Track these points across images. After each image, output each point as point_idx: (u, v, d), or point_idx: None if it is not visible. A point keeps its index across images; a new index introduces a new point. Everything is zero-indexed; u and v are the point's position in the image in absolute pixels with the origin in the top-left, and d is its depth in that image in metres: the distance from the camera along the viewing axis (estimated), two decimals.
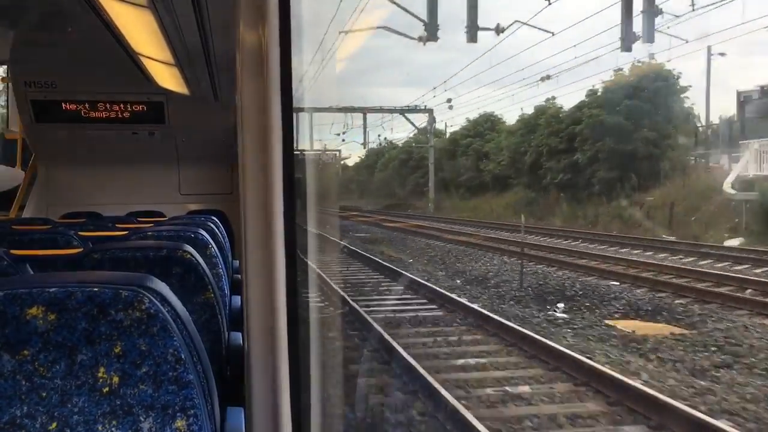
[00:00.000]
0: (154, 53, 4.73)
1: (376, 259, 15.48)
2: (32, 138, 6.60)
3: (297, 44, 1.38)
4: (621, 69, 27.86)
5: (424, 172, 44.05)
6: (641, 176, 25.41)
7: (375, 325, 8.29)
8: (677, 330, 8.59)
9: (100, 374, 1.14)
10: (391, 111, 42.63)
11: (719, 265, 13.87)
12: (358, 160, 62.12)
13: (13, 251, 2.19)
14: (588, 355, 7.15)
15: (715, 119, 28.07)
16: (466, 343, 7.92)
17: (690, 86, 27.31)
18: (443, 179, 41.33)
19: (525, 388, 6.24)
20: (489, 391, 6.20)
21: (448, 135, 46.76)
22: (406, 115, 42.41)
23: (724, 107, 41.39)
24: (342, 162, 63.64)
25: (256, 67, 1.44)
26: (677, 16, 21.78)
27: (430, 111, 42.15)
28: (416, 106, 42.40)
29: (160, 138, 6.77)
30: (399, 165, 48.93)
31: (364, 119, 42.23)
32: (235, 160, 6.07)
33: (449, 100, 39.55)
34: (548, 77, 30.28)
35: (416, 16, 24.19)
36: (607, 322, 9.18)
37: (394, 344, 7.20)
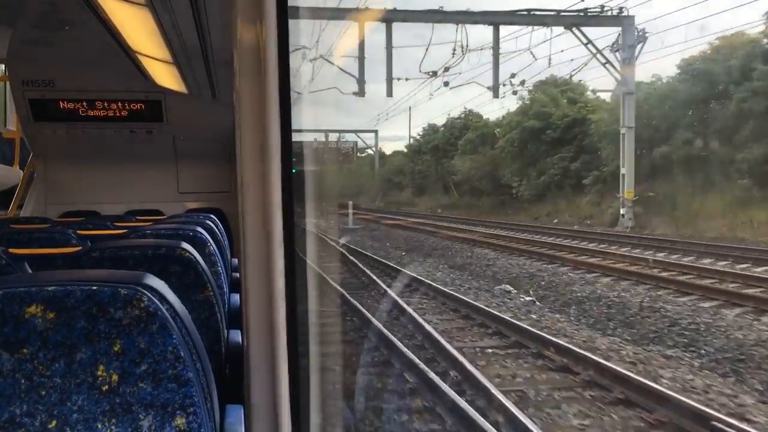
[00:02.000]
0: (152, 51, 4.73)
1: None
2: (30, 137, 6.59)
3: (294, 42, 1.38)
4: None
5: (579, 149, 26.23)
6: None
7: None
8: None
9: (99, 372, 1.14)
10: (541, 18, 20.77)
11: None
12: (413, 141, 44.13)
13: (11, 250, 2.19)
14: None
15: None
16: None
17: None
18: (665, 157, 21.37)
19: None
20: None
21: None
22: (580, 29, 20.91)
23: None
24: (367, 151, 49.55)
25: (253, 65, 1.44)
26: None
27: (627, 20, 20.75)
28: (602, 6, 20.64)
29: (159, 136, 6.77)
30: (523, 139, 29.42)
31: (495, 36, 20.79)
32: (233, 157, 6.08)
33: None
34: None
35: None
36: None
37: None
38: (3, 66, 6.39)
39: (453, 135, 38.22)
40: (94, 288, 1.14)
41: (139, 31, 4.13)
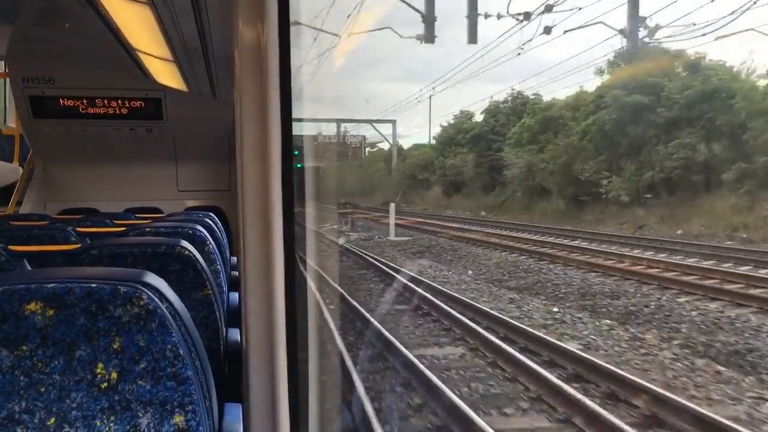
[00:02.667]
0: (152, 49, 4.72)
1: None
2: (30, 134, 6.59)
3: (296, 40, 1.38)
4: None
5: (710, 132, 18.88)
6: None
7: None
8: None
9: (98, 370, 1.14)
10: None
11: None
12: (442, 132, 37.32)
13: (11, 247, 2.19)
14: None
15: None
16: None
17: None
18: None
19: None
20: None
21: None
22: None
23: None
24: (378, 145, 42.74)
25: (254, 64, 1.44)
26: None
27: None
28: None
29: (158, 134, 6.77)
30: (620, 121, 21.29)
31: None
32: (233, 156, 6.08)
33: None
34: None
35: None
36: None
37: None
38: (3, 63, 6.39)
39: (498, 122, 30.66)
40: (94, 285, 1.14)
41: (139, 29, 4.13)
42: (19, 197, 6.64)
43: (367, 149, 43.13)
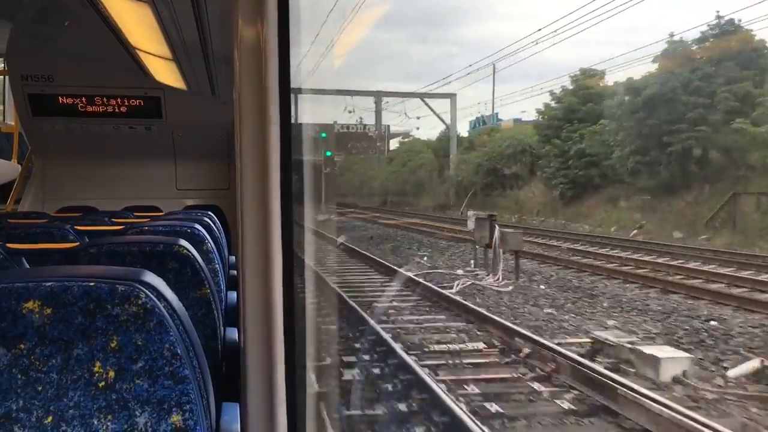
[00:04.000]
0: (152, 48, 4.72)
1: None
2: (29, 132, 6.59)
3: (296, 39, 1.37)
4: None
5: None
6: None
7: None
8: None
9: (96, 369, 1.13)
10: None
11: None
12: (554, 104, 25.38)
13: (9, 245, 2.18)
14: None
15: None
16: None
17: None
18: None
19: None
20: None
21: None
22: None
23: None
24: (411, 134, 34.39)
25: (254, 63, 1.44)
26: None
27: None
28: None
29: (157, 133, 6.76)
30: None
31: None
32: (232, 155, 6.08)
33: None
34: None
35: None
36: None
37: None
38: (2, 60, 6.38)
39: (695, 74, 19.11)
40: (92, 284, 1.13)
41: (138, 27, 4.13)
42: (17, 195, 6.64)
43: (399, 139, 35.73)
